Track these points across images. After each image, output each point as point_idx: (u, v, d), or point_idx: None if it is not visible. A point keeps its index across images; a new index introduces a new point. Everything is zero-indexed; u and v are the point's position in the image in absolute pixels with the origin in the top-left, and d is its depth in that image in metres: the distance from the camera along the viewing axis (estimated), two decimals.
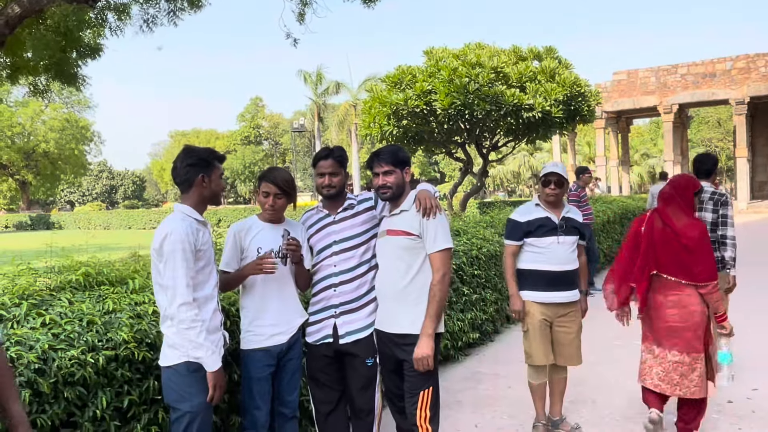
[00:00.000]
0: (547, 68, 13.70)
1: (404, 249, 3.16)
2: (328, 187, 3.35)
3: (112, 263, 3.69)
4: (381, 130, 13.78)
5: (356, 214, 3.40)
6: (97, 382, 2.69)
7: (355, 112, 38.76)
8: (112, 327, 2.86)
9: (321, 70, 41.86)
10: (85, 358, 2.63)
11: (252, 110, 73.42)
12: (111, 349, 2.76)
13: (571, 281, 3.98)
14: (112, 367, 2.75)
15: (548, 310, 3.98)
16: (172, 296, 2.71)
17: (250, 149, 68.32)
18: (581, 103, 14.01)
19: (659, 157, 48.81)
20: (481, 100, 12.53)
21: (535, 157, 57.48)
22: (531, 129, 14.01)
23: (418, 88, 12.78)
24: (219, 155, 3.00)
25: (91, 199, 78.11)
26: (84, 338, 2.72)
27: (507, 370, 5.62)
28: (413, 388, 3.11)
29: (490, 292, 6.65)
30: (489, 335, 6.69)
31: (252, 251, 3.19)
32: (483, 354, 6.21)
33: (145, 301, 3.19)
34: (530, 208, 4.06)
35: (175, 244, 2.72)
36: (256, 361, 3.15)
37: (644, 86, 28.30)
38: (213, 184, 2.93)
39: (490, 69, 12.84)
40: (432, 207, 3.14)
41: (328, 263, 3.35)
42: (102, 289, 3.28)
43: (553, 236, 3.93)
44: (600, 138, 30.56)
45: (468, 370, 5.68)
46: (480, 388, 5.18)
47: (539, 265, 3.95)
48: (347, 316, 3.31)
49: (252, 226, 3.26)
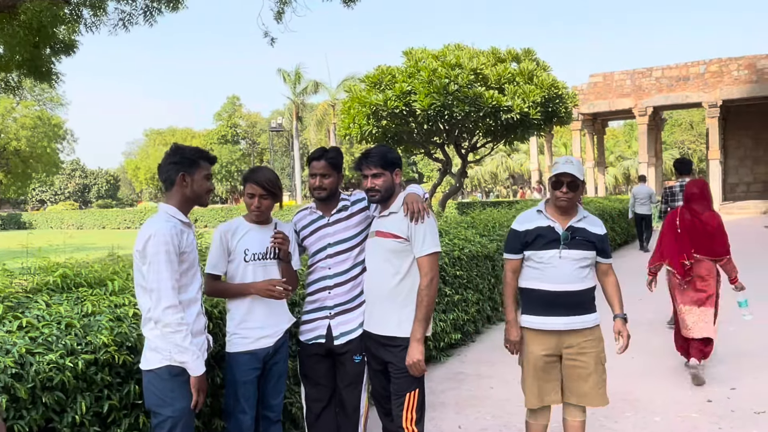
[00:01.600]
0: (526, 70, 13.83)
1: (392, 252, 3.14)
2: (319, 189, 3.32)
3: (90, 264, 3.61)
4: (360, 130, 13.78)
5: (351, 215, 3.37)
6: (76, 387, 2.62)
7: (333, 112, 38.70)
8: (91, 330, 2.79)
9: (299, 69, 41.79)
10: (63, 362, 2.56)
11: (229, 109, 72.75)
12: (90, 353, 2.69)
13: (577, 304, 3.27)
14: (91, 372, 2.68)
15: (550, 340, 3.30)
16: (157, 299, 2.66)
17: (227, 149, 67.67)
18: (558, 105, 14.18)
19: (634, 159, 49.58)
20: (460, 101, 12.59)
21: (512, 158, 58.00)
22: (509, 130, 14.12)
23: (398, 89, 12.80)
24: (207, 155, 2.94)
25: (63, 198, 76.77)
26: (62, 342, 2.64)
27: (490, 370, 5.63)
28: (400, 390, 3.09)
29: (471, 293, 6.65)
30: (470, 336, 6.70)
31: (239, 253, 3.15)
32: (465, 354, 6.21)
33: (125, 303, 3.12)
34: (531, 214, 3.42)
35: (159, 245, 2.67)
36: (242, 364, 3.10)
37: (620, 89, 28.68)
38: (195, 185, 2.87)
39: (469, 70, 12.91)
40: (420, 211, 3.11)
41: (322, 265, 3.33)
42: (80, 291, 3.20)
43: (555, 249, 3.26)
44: (576, 140, 30.88)
45: (450, 370, 5.68)
46: (463, 389, 5.18)
47: (536, 282, 3.31)
48: (342, 317, 3.30)
49: (239, 227, 3.21)
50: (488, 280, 7.16)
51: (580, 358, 3.27)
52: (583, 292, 3.27)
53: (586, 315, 3.29)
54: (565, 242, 3.27)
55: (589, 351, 3.28)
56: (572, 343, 3.28)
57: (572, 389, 3.31)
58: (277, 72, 42.24)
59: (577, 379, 3.28)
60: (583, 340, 3.28)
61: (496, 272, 7.33)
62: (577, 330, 3.27)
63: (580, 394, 3.29)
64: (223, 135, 71.06)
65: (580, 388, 3.29)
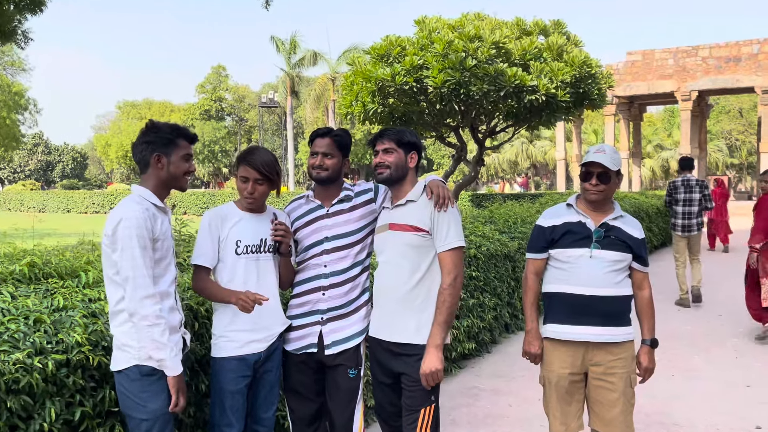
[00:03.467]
0: (554, 45, 13.75)
1: (411, 246, 3.12)
2: (318, 168, 3.28)
3: (60, 252, 3.62)
4: (364, 108, 13.74)
5: (353, 207, 3.35)
6: (45, 391, 2.63)
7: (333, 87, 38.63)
8: (62, 327, 2.80)
9: (296, 37, 41.64)
10: (31, 362, 2.57)
11: (213, 80, 72.71)
12: (61, 353, 2.70)
13: (609, 313, 3.20)
14: (62, 374, 2.69)
15: (575, 356, 3.25)
16: (132, 288, 2.68)
17: (210, 125, 67.69)
18: (591, 85, 14.09)
19: (674, 150, 49.45)
20: (478, 78, 12.53)
21: (534, 146, 57.88)
22: (533, 113, 14.06)
23: (408, 63, 12.73)
24: (185, 132, 2.94)
25: (23, 177, 76.89)
26: (30, 339, 2.65)
27: (508, 386, 5.65)
28: (413, 404, 3.09)
29: (488, 297, 6.67)
30: (486, 346, 6.72)
31: (230, 244, 3.14)
32: (480, 367, 6.23)
33: (100, 297, 3.14)
34: (560, 209, 3.37)
35: (130, 230, 2.69)
36: (230, 371, 3.10)
37: (661, 69, 28.58)
38: (172, 166, 2.89)
39: (490, 43, 12.84)
40: (446, 198, 3.10)
41: (317, 262, 3.29)
42: (50, 283, 3.22)
43: (585, 248, 3.21)
44: (609, 126, 30.79)
45: (463, 384, 5.70)
46: (477, 406, 5.20)
47: (562, 285, 3.26)
48: (335, 323, 3.27)
49: (229, 215, 3.19)
50: (507, 282, 7.17)
51: (609, 378, 3.22)
52: (616, 299, 3.20)
53: (619, 327, 3.22)
54: (597, 240, 3.21)
55: (619, 371, 3.22)
56: (601, 360, 3.23)
57: (598, 414, 3.26)
58: (269, 40, 42.15)
59: (604, 404, 3.23)
60: (613, 359, 3.22)
61: (516, 274, 7.34)
62: (608, 345, 3.21)
63: (606, 421, 3.24)
64: (206, 110, 71.07)
65: (606, 414, 3.23)
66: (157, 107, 76.06)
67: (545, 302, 3.40)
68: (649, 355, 3.33)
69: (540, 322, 3.41)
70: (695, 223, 9.22)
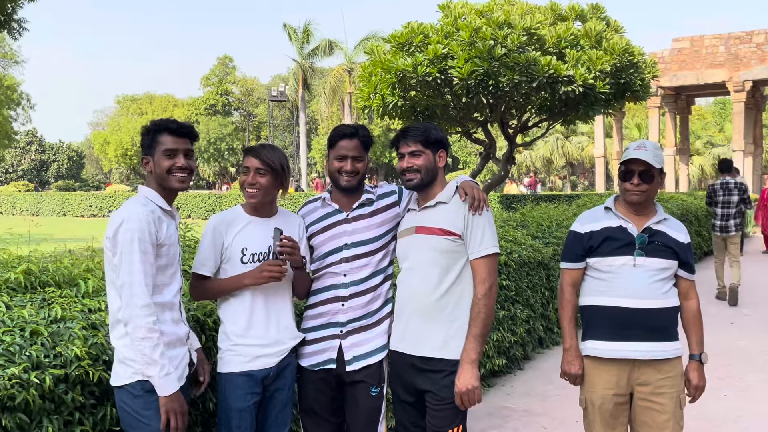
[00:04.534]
0: (592, 31, 13.69)
1: (441, 252, 3.12)
2: (350, 174, 3.26)
3: (58, 258, 3.67)
4: (383, 102, 13.77)
5: (375, 212, 3.35)
6: (43, 408, 2.67)
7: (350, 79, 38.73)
8: (61, 339, 2.84)
9: (309, 25, 41.81)
10: (28, 377, 2.61)
11: (220, 72, 73.27)
12: (60, 367, 2.74)
13: (656, 327, 3.19)
14: (60, 390, 2.72)
15: (620, 375, 3.23)
16: (128, 295, 2.72)
17: (216, 121, 68.16)
18: (633, 75, 13.99)
19: (726, 146, 48.95)
20: (508, 68, 12.50)
21: (570, 142, 57.58)
22: (569, 106, 14.01)
23: (431, 52, 12.73)
24: (165, 125, 2.94)
25: (15, 178, 77.90)
26: (27, 353, 2.69)
27: (542, 406, 5.63)
28: (439, 425, 3.09)
29: (520, 309, 6.66)
30: (518, 362, 6.71)
31: (235, 251, 3.16)
32: (510, 385, 6.22)
33: (100, 307, 3.19)
34: (597, 212, 3.37)
35: (132, 232, 2.73)
36: (237, 387, 3.12)
37: (711, 57, 28.32)
38: (156, 166, 2.92)
39: (521, 30, 12.80)
40: (481, 200, 3.11)
41: (335, 270, 3.30)
42: (47, 292, 3.27)
43: (628, 255, 3.19)
44: (654, 120, 30.57)
45: (492, 404, 5.69)
46: (507, 427, 5.19)
47: (602, 298, 3.25)
48: (356, 336, 3.28)
49: (236, 219, 3.21)
50: (541, 292, 7.16)
51: (657, 399, 3.19)
52: (664, 311, 3.19)
53: (667, 342, 3.21)
54: (641, 247, 3.19)
55: (668, 391, 3.20)
56: (648, 379, 3.20)
57: None
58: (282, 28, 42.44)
59: (653, 427, 3.21)
60: (662, 377, 3.20)
61: (551, 283, 7.32)
62: (656, 362, 3.19)
63: None
64: (211, 104, 71.61)
65: None
66: (158, 102, 76.77)
67: (583, 316, 3.38)
68: (699, 372, 3.31)
69: (578, 338, 3.39)
70: (732, 224, 10.51)
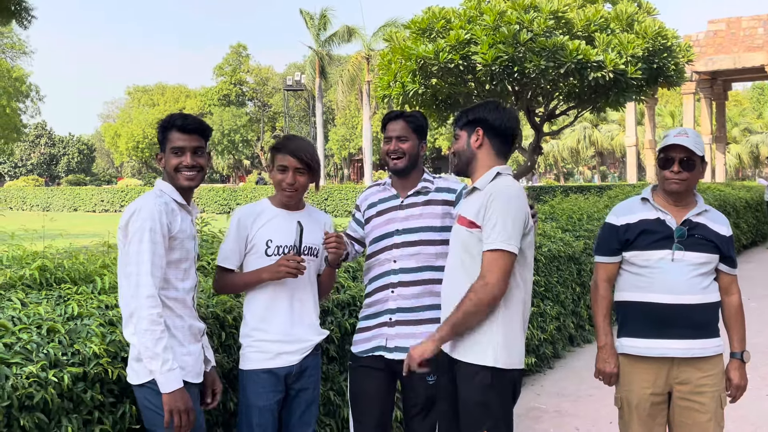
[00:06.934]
0: (623, 14, 13.59)
1: (463, 246, 3.03)
2: (395, 153, 3.38)
3: (74, 254, 3.71)
4: (403, 90, 13.77)
5: (429, 202, 3.41)
6: (61, 407, 2.71)
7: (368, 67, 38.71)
8: (78, 337, 2.88)
9: (327, 10, 41.83)
10: (45, 375, 2.64)
11: (233, 61, 73.56)
12: (78, 365, 2.77)
13: (697, 324, 3.15)
14: (79, 388, 2.76)
15: (659, 374, 3.20)
16: (135, 285, 2.77)
17: (229, 112, 68.49)
18: (666, 59, 13.87)
19: (765, 134, 48.40)
20: (534, 54, 12.44)
21: (600, 130, 57.22)
22: (599, 93, 13.93)
23: (453, 37, 12.70)
24: (174, 122, 2.97)
25: (25, 172, 78.79)
26: (44, 350, 2.73)
27: (574, 407, 5.62)
28: (467, 428, 3.08)
29: (550, 305, 6.65)
30: (548, 360, 6.70)
31: (260, 244, 3.19)
32: (541, 385, 6.22)
33: (117, 304, 3.20)
34: (634, 204, 3.32)
35: (143, 221, 2.79)
36: (258, 385, 3.15)
37: (749, 39, 27.97)
38: (166, 164, 2.98)
39: (548, 13, 12.73)
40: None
41: (386, 257, 3.39)
42: (62, 288, 3.31)
43: (666, 249, 3.16)
44: (688, 106, 30.26)
45: (521, 405, 5.65)
46: (538, 429, 5.19)
47: (639, 293, 3.22)
48: (402, 327, 3.33)
49: (263, 212, 3.26)
50: (572, 288, 7.13)
51: (698, 398, 3.17)
52: (704, 307, 3.16)
53: (708, 339, 3.18)
54: (680, 240, 3.16)
55: (709, 390, 3.17)
56: (689, 378, 3.18)
57: None
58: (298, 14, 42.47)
59: (693, 427, 3.18)
60: (703, 376, 3.17)
61: (582, 279, 7.30)
62: (696, 360, 3.16)
63: None
64: (225, 94, 71.93)
65: None
66: (170, 92, 77.31)
67: (619, 313, 3.36)
68: (740, 371, 3.27)
69: (613, 335, 3.38)
70: None
